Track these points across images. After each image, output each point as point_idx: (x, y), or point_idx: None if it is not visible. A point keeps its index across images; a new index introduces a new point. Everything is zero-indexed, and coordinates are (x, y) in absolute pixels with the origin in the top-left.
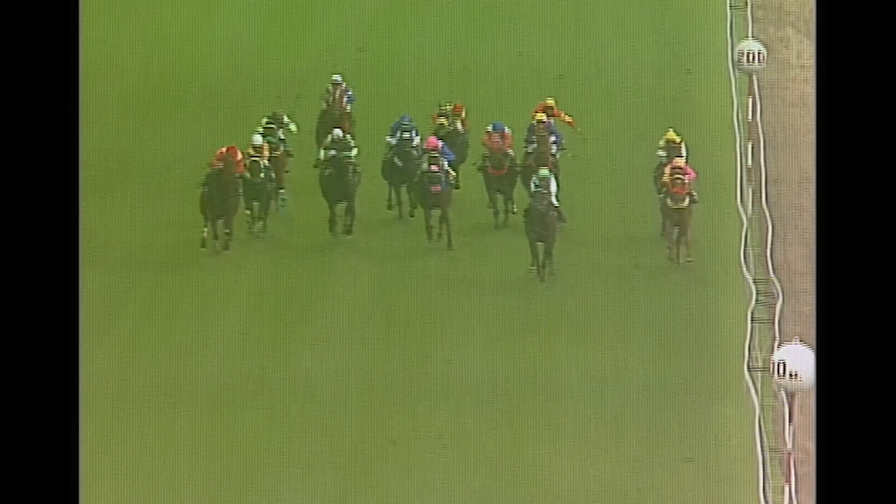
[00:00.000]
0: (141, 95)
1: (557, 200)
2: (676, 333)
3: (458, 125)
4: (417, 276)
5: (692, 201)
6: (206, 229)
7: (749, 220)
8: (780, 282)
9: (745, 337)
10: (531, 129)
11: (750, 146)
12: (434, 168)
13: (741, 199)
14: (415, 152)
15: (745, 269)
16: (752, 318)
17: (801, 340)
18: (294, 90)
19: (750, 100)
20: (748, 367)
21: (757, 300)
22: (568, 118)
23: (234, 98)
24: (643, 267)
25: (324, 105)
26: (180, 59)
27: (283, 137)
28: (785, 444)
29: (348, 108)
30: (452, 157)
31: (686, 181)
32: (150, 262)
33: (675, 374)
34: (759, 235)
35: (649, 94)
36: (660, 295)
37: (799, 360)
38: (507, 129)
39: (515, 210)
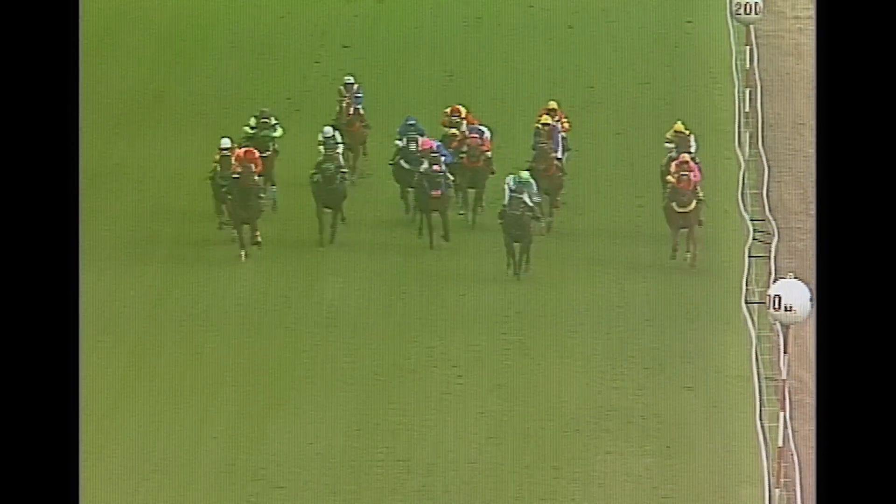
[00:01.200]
0: (174, 34)
1: (532, 202)
2: (678, 269)
3: (464, 128)
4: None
5: (698, 202)
6: (234, 234)
7: (746, 162)
8: (775, 220)
9: (743, 272)
10: (536, 133)
11: (747, 92)
12: (436, 168)
13: (739, 142)
14: (421, 154)
15: (742, 208)
16: (749, 254)
17: (795, 276)
18: (317, 40)
19: (747, 49)
20: (746, 301)
21: (754, 238)
22: (565, 123)
23: (261, 43)
24: (647, 206)
25: (337, 108)
26: (208, 4)
27: (275, 135)
28: (780, 373)
29: (360, 110)
30: (450, 158)
31: (691, 178)
32: (183, 190)
33: (677, 306)
34: (755, 177)
35: (653, 43)
36: (663, 234)
37: (793, 294)
38: (486, 134)
39: (483, 206)
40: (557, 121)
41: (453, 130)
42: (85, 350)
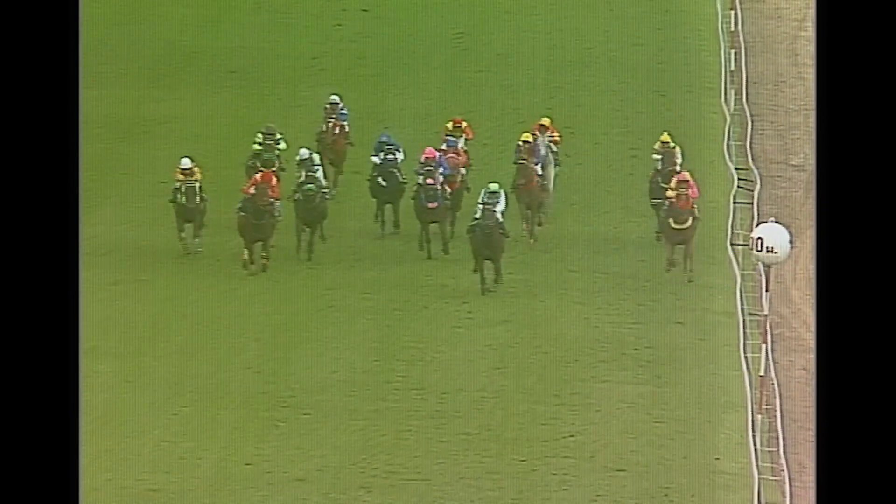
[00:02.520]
0: None
1: (503, 216)
2: None
3: (462, 140)
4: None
5: (695, 219)
6: (245, 251)
7: (731, 116)
8: (758, 169)
9: (728, 217)
10: (517, 150)
11: (732, 53)
12: (429, 181)
13: (725, 98)
14: (398, 172)
15: (728, 158)
16: (734, 200)
17: (776, 220)
18: (338, 4)
19: (732, 12)
20: (731, 243)
21: (738, 185)
22: (556, 136)
23: (285, 6)
24: (640, 156)
25: (323, 126)
26: None
27: (280, 150)
28: (762, 309)
29: (346, 127)
30: (448, 170)
31: (690, 195)
32: (213, 143)
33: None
34: (740, 130)
35: (646, 7)
36: None
37: (774, 236)
38: (460, 146)
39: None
40: (549, 135)
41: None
42: (123, 290)
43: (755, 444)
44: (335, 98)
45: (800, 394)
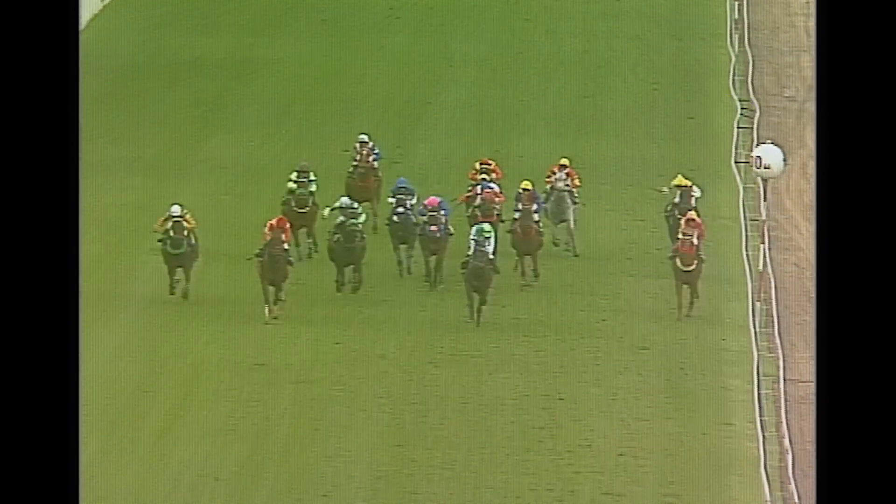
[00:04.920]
0: None
1: (494, 254)
2: (681, 135)
3: (478, 187)
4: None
5: (700, 262)
6: (264, 296)
7: (736, 56)
8: (757, 100)
9: (733, 139)
10: (517, 198)
11: (736, 4)
12: (433, 228)
13: (730, 41)
14: (411, 214)
15: (732, 91)
16: (737, 126)
17: (772, 142)
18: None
19: None
20: (735, 161)
21: (741, 113)
22: (576, 180)
23: None
24: (661, 89)
25: (357, 157)
26: None
27: (312, 190)
28: (760, 215)
29: (375, 164)
30: (449, 212)
31: (695, 241)
32: (306, 85)
33: (682, 165)
34: (742, 67)
35: None
36: (671, 105)
37: (771, 155)
38: (496, 188)
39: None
40: (567, 176)
41: (482, 176)
42: (233, 202)
43: (755, 327)
44: (364, 137)
45: (791, 285)
